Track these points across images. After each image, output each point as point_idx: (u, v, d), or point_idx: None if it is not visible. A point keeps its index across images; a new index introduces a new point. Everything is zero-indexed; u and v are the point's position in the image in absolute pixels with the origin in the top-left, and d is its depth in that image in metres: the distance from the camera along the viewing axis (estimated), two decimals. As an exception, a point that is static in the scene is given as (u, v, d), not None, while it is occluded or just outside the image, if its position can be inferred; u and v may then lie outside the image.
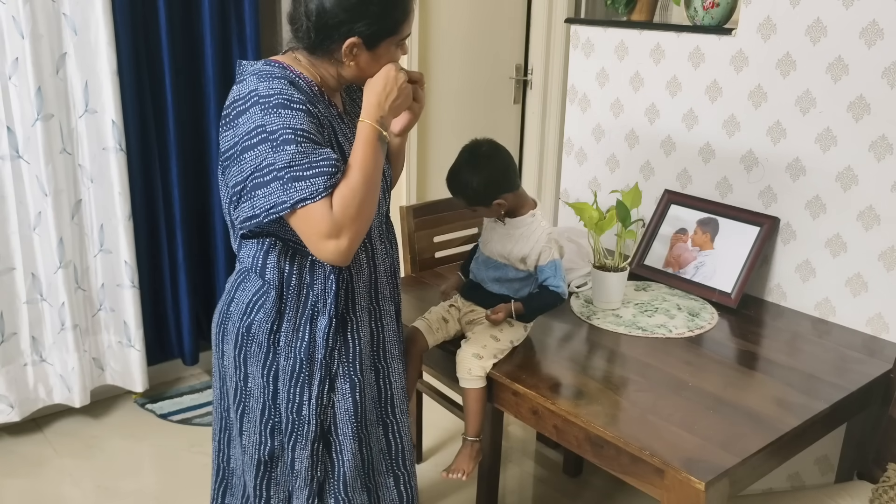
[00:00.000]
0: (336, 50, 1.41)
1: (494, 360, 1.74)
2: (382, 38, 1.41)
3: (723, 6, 2.20)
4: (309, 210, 1.32)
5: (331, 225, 1.33)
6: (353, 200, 1.35)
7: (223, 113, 1.42)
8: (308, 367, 1.50)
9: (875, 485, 1.71)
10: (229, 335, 1.54)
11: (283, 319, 1.49)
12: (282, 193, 1.32)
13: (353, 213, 1.35)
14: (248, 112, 1.35)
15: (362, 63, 1.43)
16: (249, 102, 1.36)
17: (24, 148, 2.51)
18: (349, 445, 1.57)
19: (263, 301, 1.49)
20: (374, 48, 1.41)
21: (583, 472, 2.63)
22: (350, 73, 1.45)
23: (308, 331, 1.50)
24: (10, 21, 2.40)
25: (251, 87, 1.37)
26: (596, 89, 2.58)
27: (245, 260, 1.53)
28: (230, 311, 1.54)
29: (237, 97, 1.39)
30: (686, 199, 2.31)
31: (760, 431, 1.50)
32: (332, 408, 1.55)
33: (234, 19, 2.85)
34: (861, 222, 1.99)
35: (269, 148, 1.32)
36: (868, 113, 1.94)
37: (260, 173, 1.33)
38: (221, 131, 1.42)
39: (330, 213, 1.33)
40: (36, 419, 2.84)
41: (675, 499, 1.40)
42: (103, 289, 2.80)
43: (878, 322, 1.99)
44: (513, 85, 4.04)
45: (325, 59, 1.44)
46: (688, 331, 1.94)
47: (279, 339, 1.50)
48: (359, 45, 1.40)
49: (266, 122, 1.33)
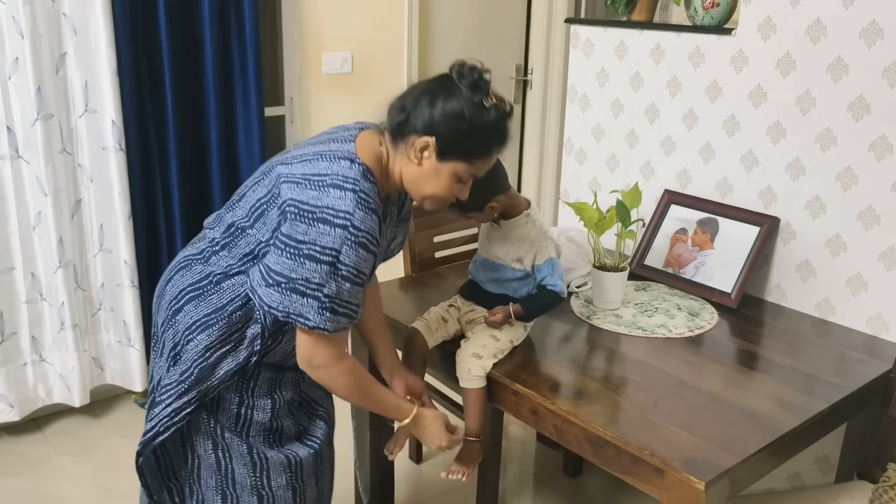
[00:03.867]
0: (412, 142, 1.44)
1: (494, 359, 1.73)
2: (455, 156, 1.44)
3: (723, 6, 2.20)
4: (320, 336, 1.44)
5: (322, 359, 1.46)
6: (344, 389, 1.53)
7: (303, 175, 1.41)
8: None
9: (875, 485, 1.71)
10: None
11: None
12: (314, 314, 1.40)
13: (334, 386, 1.54)
14: (334, 230, 1.37)
15: (425, 167, 1.46)
16: (340, 220, 1.37)
17: (24, 148, 2.51)
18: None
19: (212, 322, 1.51)
20: (442, 160, 1.44)
21: (583, 472, 2.63)
22: (410, 173, 1.47)
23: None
24: (9, 21, 2.40)
25: (349, 205, 1.38)
26: (596, 89, 2.58)
27: (219, 266, 1.53)
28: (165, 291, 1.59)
29: (331, 204, 1.38)
30: (686, 199, 2.31)
31: (760, 431, 1.50)
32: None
33: (234, 19, 2.85)
34: (861, 222, 1.99)
35: (331, 275, 1.38)
36: (868, 113, 1.94)
37: (308, 286, 1.39)
38: (291, 188, 1.41)
39: (328, 348, 1.46)
40: (36, 419, 2.84)
41: (675, 499, 1.40)
42: (103, 288, 2.80)
43: (878, 322, 1.99)
44: (513, 85, 4.04)
45: (400, 149, 1.47)
46: (688, 331, 1.94)
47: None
48: (432, 147, 1.43)
49: (343, 252, 1.38)
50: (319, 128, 3.30)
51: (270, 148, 3.12)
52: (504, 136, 1.47)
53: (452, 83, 1.44)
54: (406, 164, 1.47)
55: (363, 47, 3.37)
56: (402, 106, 1.45)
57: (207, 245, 1.56)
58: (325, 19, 3.23)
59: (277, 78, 3.23)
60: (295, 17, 3.15)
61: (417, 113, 1.43)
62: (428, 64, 3.68)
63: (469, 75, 1.44)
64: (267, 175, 1.49)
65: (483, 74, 1.46)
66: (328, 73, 3.29)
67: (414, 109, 1.43)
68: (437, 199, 1.51)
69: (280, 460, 1.59)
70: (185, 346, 1.51)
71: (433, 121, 1.42)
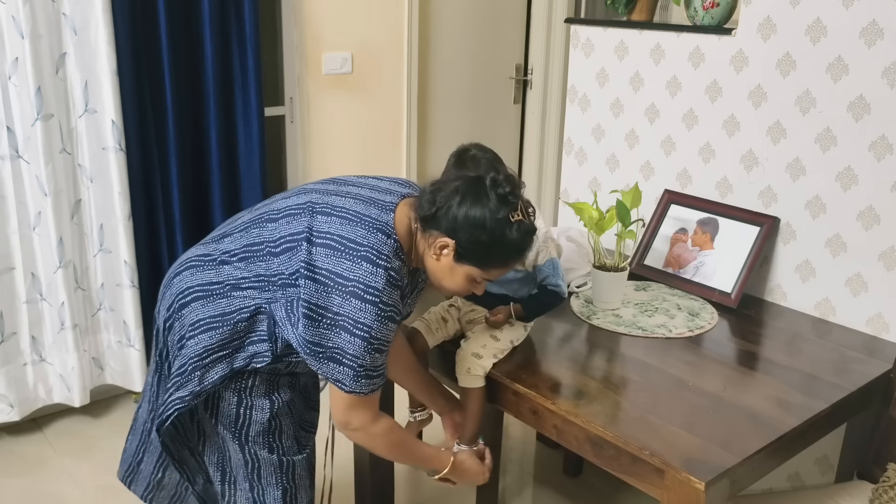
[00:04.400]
0: (434, 238, 1.49)
1: (494, 359, 1.73)
2: (471, 261, 1.49)
3: (723, 6, 2.20)
4: (355, 399, 1.50)
5: (359, 422, 1.53)
6: (382, 448, 1.63)
7: (339, 237, 1.45)
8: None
9: (875, 485, 1.71)
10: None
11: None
12: (349, 380, 1.46)
13: (373, 446, 1.63)
14: (365, 305, 1.43)
15: (442, 264, 1.51)
16: (370, 297, 1.43)
17: (24, 148, 2.51)
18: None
19: (213, 328, 1.51)
20: (459, 262, 1.50)
21: (583, 472, 2.63)
22: (430, 265, 1.53)
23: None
24: (9, 21, 2.40)
25: (379, 282, 1.43)
26: (596, 89, 2.58)
27: (231, 276, 1.53)
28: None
29: (363, 279, 1.43)
30: (686, 199, 2.31)
31: (760, 431, 1.50)
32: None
33: (234, 19, 2.85)
34: (861, 222, 1.99)
35: (364, 347, 1.44)
36: (868, 113, 1.94)
37: (343, 355, 1.45)
38: (326, 253, 1.45)
39: (364, 410, 1.52)
40: (36, 419, 2.84)
41: (675, 499, 1.40)
42: (103, 288, 2.80)
43: (878, 322, 1.99)
44: (513, 85, 4.05)
45: (426, 236, 1.51)
46: (688, 331, 1.93)
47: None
48: (451, 249, 1.48)
49: (374, 328, 1.44)
50: (319, 127, 3.32)
51: (270, 148, 3.13)
52: (523, 252, 1.52)
53: (483, 190, 1.46)
54: (427, 254, 1.52)
55: (363, 47, 3.37)
56: (433, 199, 1.48)
57: (222, 253, 1.56)
58: (325, 19, 3.23)
59: (277, 78, 3.23)
60: (295, 17, 3.15)
61: (444, 211, 1.46)
62: (428, 64, 3.68)
63: (501, 187, 1.46)
64: (305, 212, 1.51)
65: (515, 189, 1.48)
66: (328, 73, 3.29)
67: (442, 206, 1.47)
68: (451, 293, 1.61)
69: (273, 462, 1.60)
70: (187, 340, 1.52)
71: (456, 224, 1.46)
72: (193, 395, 1.51)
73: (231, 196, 3.03)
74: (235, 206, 3.05)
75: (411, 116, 3.58)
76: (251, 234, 1.55)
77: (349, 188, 1.56)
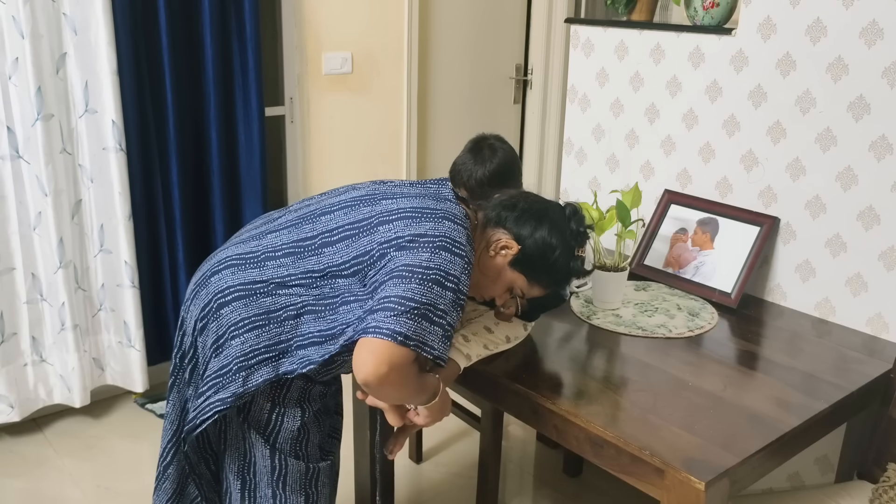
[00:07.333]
0: (499, 236, 1.56)
1: (484, 350, 1.70)
2: (524, 271, 1.56)
3: (723, 6, 2.20)
4: (412, 354, 1.38)
5: (396, 375, 1.38)
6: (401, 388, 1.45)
7: (415, 209, 1.48)
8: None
9: (875, 485, 1.71)
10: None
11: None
12: (438, 342, 1.40)
13: (404, 384, 1.44)
14: (454, 258, 1.43)
15: (495, 263, 1.56)
16: (458, 251, 1.44)
17: (24, 148, 2.51)
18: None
19: (258, 328, 1.47)
20: (512, 266, 1.56)
21: (583, 472, 2.63)
22: (485, 264, 1.57)
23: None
24: (10, 21, 2.40)
25: (458, 268, 1.43)
26: (596, 89, 2.58)
27: (277, 273, 1.49)
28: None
29: (446, 231, 1.44)
30: (686, 199, 2.31)
31: (760, 431, 1.50)
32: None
33: (234, 19, 2.85)
34: (861, 222, 1.99)
35: (454, 303, 1.42)
36: (868, 113, 1.94)
37: (435, 312, 1.39)
38: (400, 225, 1.46)
39: (405, 365, 1.38)
40: (36, 419, 2.84)
41: (675, 499, 1.40)
42: (103, 289, 2.80)
43: (878, 322, 1.99)
44: (513, 85, 4.05)
45: (485, 235, 1.57)
46: (688, 331, 1.94)
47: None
48: (511, 251, 1.54)
49: (462, 280, 1.43)
50: (319, 127, 3.32)
51: (270, 148, 3.13)
52: (568, 283, 1.63)
53: (564, 221, 1.58)
54: (485, 253, 1.56)
55: (363, 47, 3.37)
56: (514, 204, 1.57)
57: (267, 249, 1.53)
58: (325, 19, 3.23)
59: (277, 78, 3.24)
60: (295, 17, 3.15)
61: (523, 220, 1.55)
62: (428, 64, 3.68)
63: (579, 224, 1.58)
64: (364, 202, 1.53)
65: (588, 230, 1.61)
66: (328, 73, 3.29)
67: (522, 215, 1.55)
68: (484, 296, 1.62)
69: (300, 468, 1.57)
70: (229, 340, 1.46)
71: (528, 235, 1.54)
72: (236, 397, 1.44)
73: (231, 196, 3.03)
74: (236, 207, 3.05)
75: (411, 116, 3.58)
76: (302, 230, 1.53)
77: (394, 188, 1.59)
